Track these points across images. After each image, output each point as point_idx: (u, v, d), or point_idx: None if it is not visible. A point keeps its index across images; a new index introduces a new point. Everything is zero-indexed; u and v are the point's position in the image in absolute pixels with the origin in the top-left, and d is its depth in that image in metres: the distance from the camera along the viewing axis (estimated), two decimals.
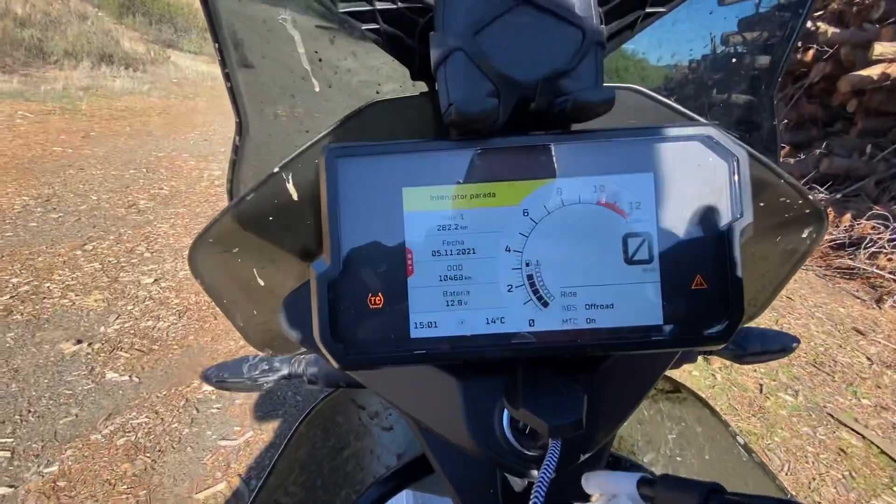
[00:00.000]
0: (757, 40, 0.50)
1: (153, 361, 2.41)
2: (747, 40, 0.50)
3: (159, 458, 1.90)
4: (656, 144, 0.35)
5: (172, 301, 2.91)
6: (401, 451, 0.67)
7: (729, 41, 0.52)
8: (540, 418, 0.31)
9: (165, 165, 5.09)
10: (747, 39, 0.50)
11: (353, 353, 0.34)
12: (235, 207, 0.47)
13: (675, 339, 0.34)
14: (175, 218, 3.98)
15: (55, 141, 5.29)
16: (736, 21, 0.51)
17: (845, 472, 1.92)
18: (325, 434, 0.67)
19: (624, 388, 0.41)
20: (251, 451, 1.97)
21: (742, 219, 0.34)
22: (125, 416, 2.08)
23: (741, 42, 0.51)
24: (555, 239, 0.35)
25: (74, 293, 2.87)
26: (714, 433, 0.64)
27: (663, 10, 0.42)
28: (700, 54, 0.53)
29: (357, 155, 0.34)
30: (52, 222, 3.66)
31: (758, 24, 0.49)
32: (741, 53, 0.50)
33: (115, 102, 7.14)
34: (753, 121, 0.50)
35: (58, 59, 7.92)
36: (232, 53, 0.46)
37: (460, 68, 0.34)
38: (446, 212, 0.35)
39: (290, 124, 0.55)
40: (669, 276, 0.35)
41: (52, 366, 2.31)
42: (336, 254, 0.34)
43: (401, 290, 0.35)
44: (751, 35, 0.49)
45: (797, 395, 2.37)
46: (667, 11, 0.42)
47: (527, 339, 0.35)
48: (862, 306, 3.09)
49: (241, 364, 0.63)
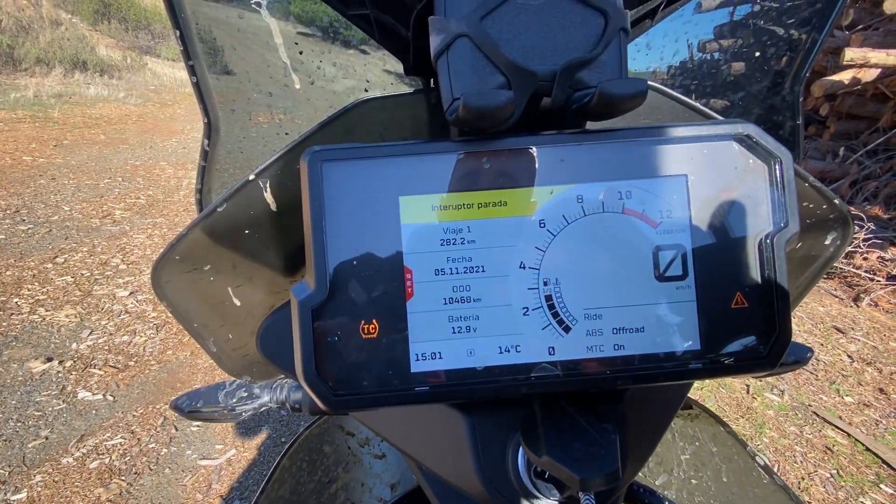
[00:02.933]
0: (784, 34, 0.46)
1: (129, 378, 2.30)
2: (773, 34, 0.47)
3: (135, 480, 1.80)
4: (688, 145, 0.30)
5: (149, 314, 2.79)
6: (394, 480, 0.61)
7: (751, 35, 0.49)
8: (570, 470, 0.26)
9: (142, 174, 4.94)
10: (773, 33, 0.46)
11: (342, 394, 0.29)
12: (205, 220, 0.41)
13: (714, 367, 0.30)
14: (152, 228, 3.85)
15: (25, 150, 5.10)
16: (761, 14, 0.47)
17: (833, 471, 1.93)
18: (310, 467, 0.61)
19: (650, 417, 0.37)
20: (234, 471, 1.88)
21: (787, 228, 0.30)
22: (99, 437, 1.97)
23: (766, 36, 0.47)
24: (576, 253, 0.30)
25: (44, 308, 2.74)
26: (731, 453, 0.60)
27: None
28: (719, 48, 0.50)
29: (344, 158, 0.29)
30: (22, 234, 3.50)
31: (784, 18, 0.46)
32: (766, 48, 0.47)
33: (90, 110, 6.94)
34: (774, 120, 0.47)
35: (29, 66, 7.67)
36: (196, 43, 0.40)
37: (466, 57, 0.30)
38: (450, 224, 0.30)
39: (267, 127, 0.50)
40: (706, 295, 0.30)
41: (20, 385, 2.19)
42: (321, 275, 0.29)
43: (399, 317, 0.30)
44: (777, 29, 0.46)
45: (783, 394, 2.39)
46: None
47: (547, 371, 0.30)
48: (840, 305, 3.15)
49: (217, 391, 0.57)
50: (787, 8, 0.46)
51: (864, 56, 3.68)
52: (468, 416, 0.35)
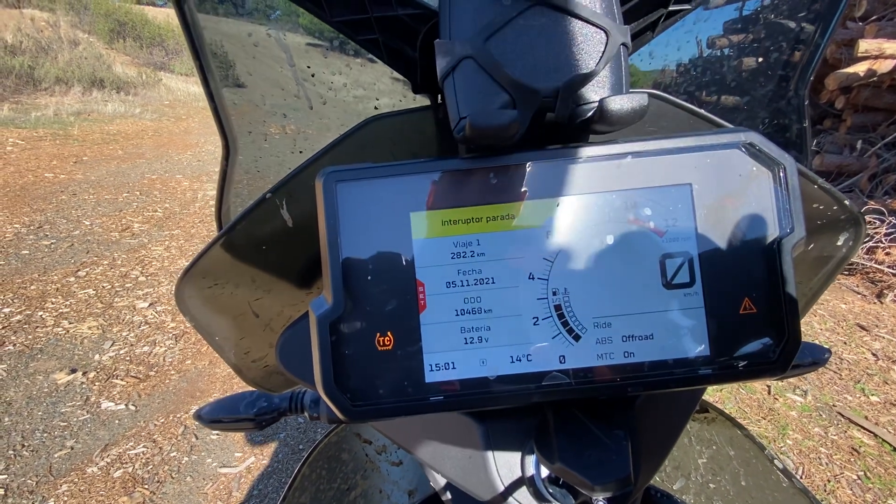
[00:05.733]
0: (787, 37, 0.47)
1: (150, 388, 2.35)
2: (775, 37, 0.47)
3: (158, 489, 1.83)
4: (691, 154, 0.31)
5: (168, 325, 2.85)
6: (412, 487, 0.62)
7: (754, 39, 0.49)
8: (582, 476, 0.27)
9: (159, 187, 5.05)
10: (775, 36, 0.47)
11: (361, 405, 0.30)
12: (225, 237, 0.43)
13: (724, 373, 0.30)
14: (170, 240, 3.94)
15: (47, 167, 5.25)
16: (762, 17, 0.47)
17: (860, 473, 1.88)
18: (330, 474, 0.62)
19: (662, 422, 0.37)
20: (253, 478, 1.91)
21: (793, 234, 0.30)
22: (122, 446, 2.01)
23: (768, 39, 0.47)
24: (583, 263, 0.31)
25: (68, 321, 2.81)
26: (749, 456, 0.60)
27: (688, 8, 0.39)
28: (721, 54, 0.50)
29: (358, 178, 0.31)
30: (45, 249, 3.60)
31: (787, 19, 0.46)
32: (768, 51, 0.47)
33: (107, 126, 7.12)
34: (781, 123, 0.47)
35: (48, 85, 7.92)
36: (214, 69, 0.43)
37: (471, 78, 0.31)
38: (460, 237, 0.31)
39: (282, 145, 0.51)
40: (714, 301, 0.31)
41: (45, 397, 2.25)
42: (338, 290, 0.30)
43: (412, 329, 0.31)
44: (779, 31, 0.46)
45: (806, 394, 2.33)
46: (692, 9, 0.39)
47: (559, 379, 0.31)
48: (863, 301, 3.07)
49: (238, 401, 0.59)
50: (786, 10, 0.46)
51: (879, 47, 3.60)
52: (482, 423, 0.36)
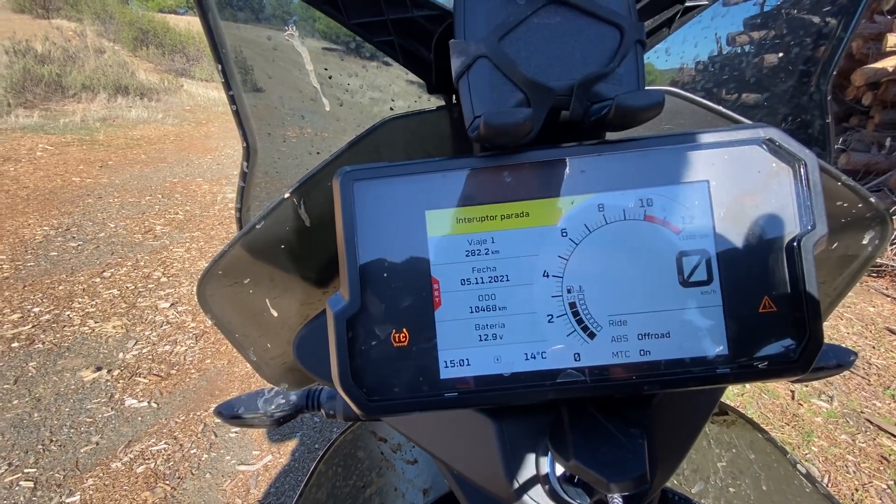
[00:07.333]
0: (808, 32, 0.45)
1: (171, 386, 2.40)
2: (797, 32, 0.46)
3: (179, 485, 1.87)
4: (708, 151, 0.31)
5: (189, 325, 2.91)
6: (427, 485, 0.63)
7: (776, 34, 0.48)
8: (597, 473, 0.27)
9: (180, 190, 5.17)
10: (797, 31, 0.46)
11: (377, 400, 0.30)
12: (245, 237, 0.44)
13: (742, 372, 0.30)
14: (190, 242, 4.03)
15: (74, 171, 5.43)
16: (784, 12, 0.46)
17: (889, 482, 1.81)
18: (345, 471, 0.63)
19: (680, 422, 0.37)
20: (270, 476, 1.93)
21: (814, 231, 0.30)
22: (144, 442, 2.07)
23: (790, 35, 0.46)
24: (598, 261, 0.31)
25: (94, 320, 2.90)
26: (770, 460, 0.59)
27: (705, 3, 0.39)
28: (741, 50, 0.49)
29: (374, 177, 0.31)
30: (72, 251, 3.72)
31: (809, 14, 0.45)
32: (790, 47, 0.46)
33: (131, 131, 7.33)
34: (803, 119, 0.46)
35: (76, 92, 8.18)
36: (236, 75, 0.44)
37: (485, 77, 0.31)
38: (475, 235, 0.31)
39: (299, 146, 0.53)
40: (732, 299, 0.30)
41: (72, 394, 2.32)
42: (354, 287, 0.30)
43: (428, 325, 0.31)
44: (801, 26, 0.45)
45: (832, 400, 2.26)
46: (709, 4, 0.39)
47: (573, 377, 0.31)
48: (893, 304, 2.97)
49: (256, 398, 0.60)
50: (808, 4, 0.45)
51: None
52: (497, 421, 0.36)
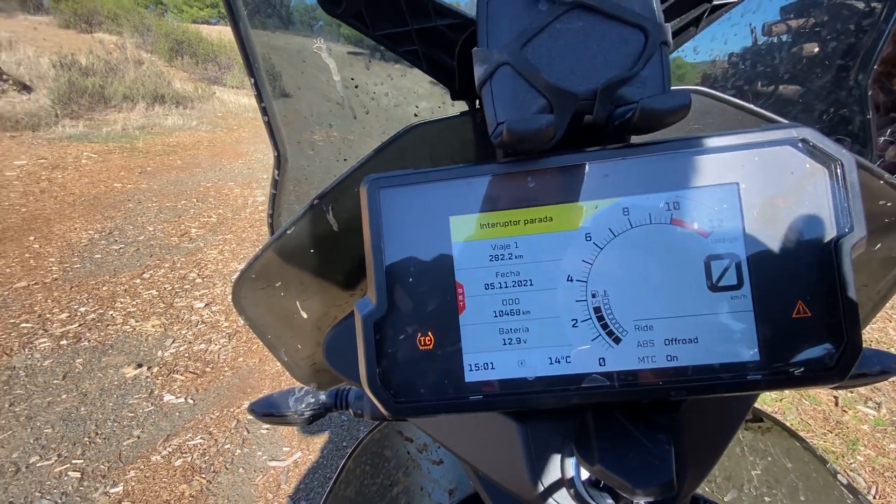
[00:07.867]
0: (847, 23, 0.43)
1: (206, 383, 2.50)
2: (835, 23, 0.44)
3: (214, 478, 1.95)
4: (738, 153, 0.30)
5: (223, 324, 3.02)
6: (452, 486, 0.63)
7: (816, 23, 0.46)
8: (623, 478, 0.27)
9: (213, 194, 5.37)
10: (835, 22, 0.44)
11: (403, 402, 0.31)
12: (276, 242, 0.46)
13: (775, 379, 0.29)
14: (223, 244, 4.18)
15: (116, 177, 5.71)
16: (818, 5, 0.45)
17: None
18: (373, 470, 0.64)
19: (710, 430, 0.36)
20: (300, 472, 1.99)
21: (852, 233, 0.29)
22: (182, 437, 2.15)
23: (829, 25, 0.44)
24: (623, 265, 0.31)
25: (135, 319, 3.05)
26: (808, 469, 0.56)
27: (734, 1, 0.38)
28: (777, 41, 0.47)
29: (400, 184, 0.32)
30: (114, 253, 3.92)
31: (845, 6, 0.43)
32: (825, 41, 0.44)
33: (168, 138, 7.66)
34: (841, 115, 0.44)
35: (117, 102, 8.60)
36: (268, 87, 0.46)
37: (508, 84, 0.31)
38: (498, 240, 0.32)
39: (327, 153, 0.54)
40: (764, 304, 0.30)
41: (115, 389, 2.44)
42: (381, 291, 0.31)
43: (452, 329, 0.32)
44: (841, 16, 0.43)
45: (879, 407, 2.13)
46: (738, 2, 0.38)
47: (598, 382, 0.31)
48: None
49: (287, 397, 0.62)
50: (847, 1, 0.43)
51: None
52: (522, 424, 0.36)
